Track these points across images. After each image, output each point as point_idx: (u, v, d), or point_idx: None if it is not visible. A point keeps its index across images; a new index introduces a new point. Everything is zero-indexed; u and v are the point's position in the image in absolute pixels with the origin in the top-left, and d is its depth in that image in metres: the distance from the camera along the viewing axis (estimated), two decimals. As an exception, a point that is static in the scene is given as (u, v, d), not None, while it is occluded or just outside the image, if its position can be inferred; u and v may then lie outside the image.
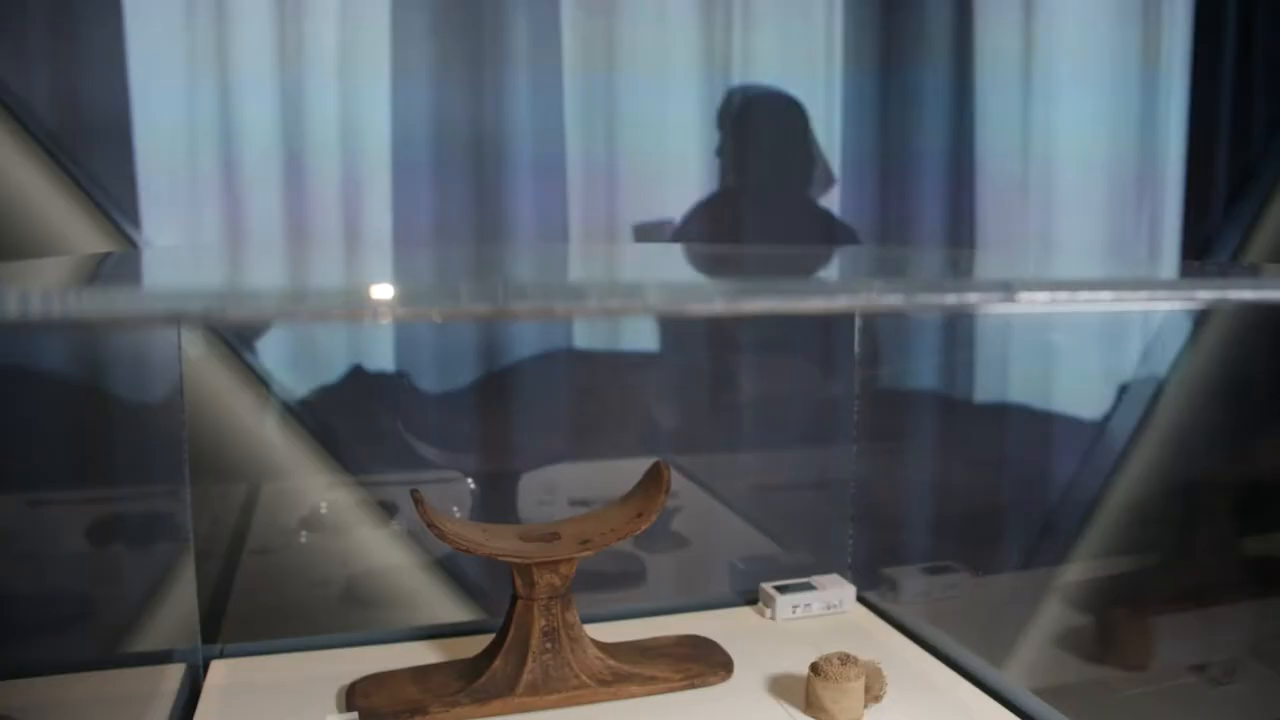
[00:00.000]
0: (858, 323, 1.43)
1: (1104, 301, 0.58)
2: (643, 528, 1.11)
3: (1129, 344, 1.91)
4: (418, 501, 1.05)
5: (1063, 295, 0.58)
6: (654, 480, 1.14)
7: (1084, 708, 1.09)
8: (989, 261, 1.16)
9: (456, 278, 0.77)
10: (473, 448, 1.57)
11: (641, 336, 1.66)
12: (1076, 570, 1.78)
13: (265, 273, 0.93)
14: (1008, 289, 0.57)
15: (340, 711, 1.04)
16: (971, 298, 0.55)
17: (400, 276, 0.84)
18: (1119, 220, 1.83)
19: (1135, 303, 0.63)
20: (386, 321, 1.50)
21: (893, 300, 0.54)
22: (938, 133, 1.71)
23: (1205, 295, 0.63)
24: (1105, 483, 1.83)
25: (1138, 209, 1.83)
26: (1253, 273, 0.79)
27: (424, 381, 1.55)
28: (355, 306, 0.49)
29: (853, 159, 1.68)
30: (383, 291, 0.49)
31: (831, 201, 1.70)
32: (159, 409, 1.30)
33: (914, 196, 1.71)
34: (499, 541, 1.09)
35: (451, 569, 1.56)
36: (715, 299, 0.51)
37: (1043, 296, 0.57)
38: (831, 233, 1.70)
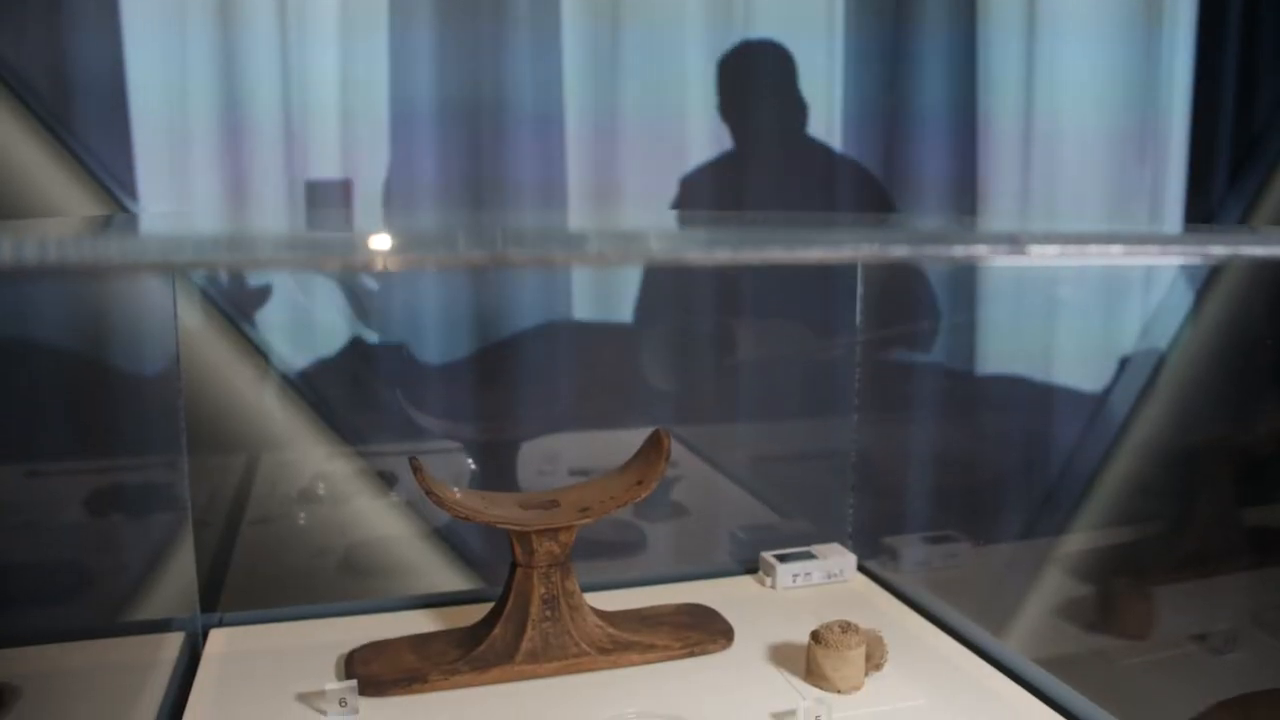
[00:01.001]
0: (859, 290, 1.42)
1: (1113, 255, 0.57)
2: (643, 496, 1.10)
3: (1131, 311, 1.89)
4: (416, 469, 1.05)
5: (1071, 249, 0.57)
6: (654, 448, 1.14)
7: (1085, 676, 1.09)
8: (994, 223, 1.15)
9: (455, 231, 0.76)
10: (472, 417, 1.56)
11: (643, 306, 1.65)
12: (1077, 540, 1.78)
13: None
14: (1015, 241, 0.56)
15: (339, 679, 1.04)
16: (979, 249, 0.54)
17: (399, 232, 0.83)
18: (1123, 187, 1.81)
19: (1144, 257, 0.62)
20: (383, 269, 1.49)
21: (898, 252, 0.53)
22: (941, 90, 1.69)
23: (1214, 251, 0.62)
24: (1107, 452, 1.82)
25: (1140, 176, 1.82)
26: (1257, 233, 0.78)
27: (423, 352, 1.54)
28: (351, 253, 0.48)
29: (855, 116, 1.66)
30: (380, 240, 0.48)
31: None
32: (156, 380, 1.29)
33: (916, 154, 1.70)
34: (498, 509, 1.08)
35: (450, 538, 1.55)
36: (716, 248, 0.50)
37: (1052, 250, 0.56)
38: (832, 168, 1.68)
